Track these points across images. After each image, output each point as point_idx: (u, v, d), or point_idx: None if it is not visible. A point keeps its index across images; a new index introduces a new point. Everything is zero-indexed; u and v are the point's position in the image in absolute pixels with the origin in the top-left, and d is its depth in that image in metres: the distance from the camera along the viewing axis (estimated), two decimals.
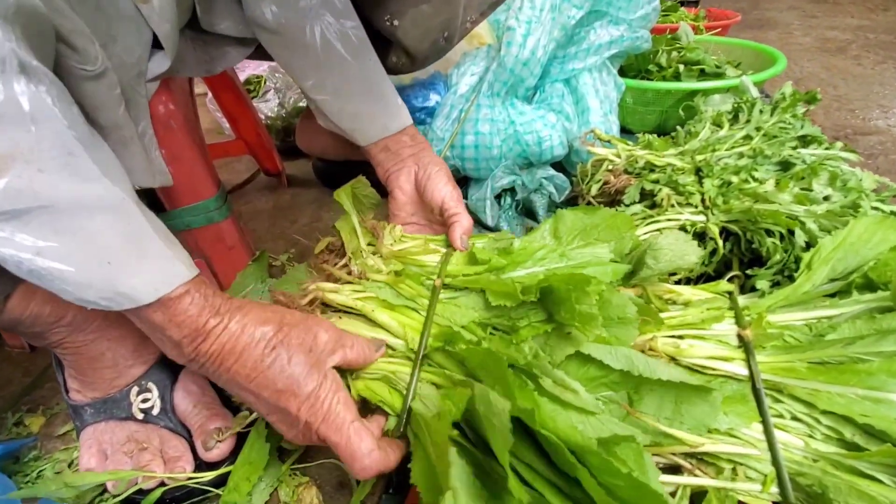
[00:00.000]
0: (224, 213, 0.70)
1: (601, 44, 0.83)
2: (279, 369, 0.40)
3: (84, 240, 0.33)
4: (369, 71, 0.61)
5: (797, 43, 1.71)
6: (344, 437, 0.41)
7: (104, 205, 0.34)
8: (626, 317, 0.45)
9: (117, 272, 0.34)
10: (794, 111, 0.74)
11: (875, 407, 0.40)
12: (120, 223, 0.35)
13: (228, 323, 0.39)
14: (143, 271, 0.35)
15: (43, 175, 0.31)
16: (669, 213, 0.65)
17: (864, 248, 0.52)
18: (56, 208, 0.32)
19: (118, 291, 0.35)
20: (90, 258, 0.34)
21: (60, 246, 0.33)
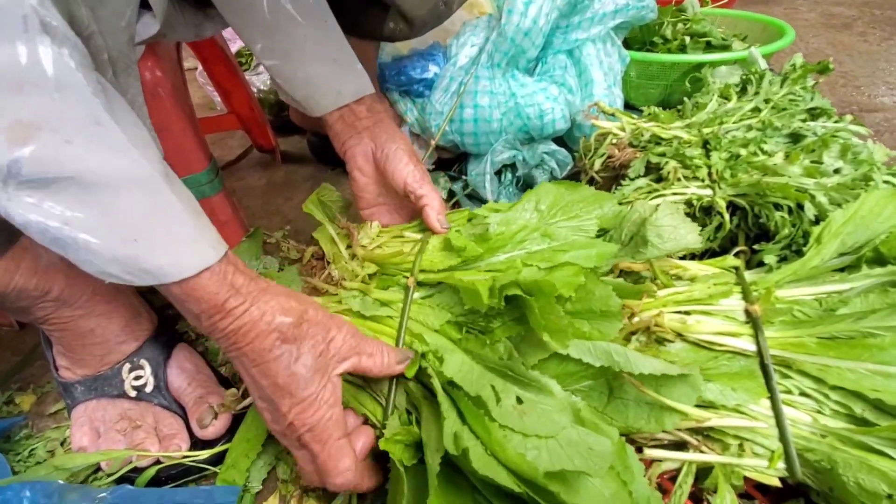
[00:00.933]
0: (216, 187, 0.67)
1: (605, 13, 0.80)
2: (284, 365, 0.39)
3: (111, 215, 0.32)
4: (323, 32, 0.57)
5: (802, 18, 1.67)
6: (325, 451, 0.40)
7: (132, 180, 0.33)
8: (610, 310, 0.43)
9: (143, 251, 0.33)
10: (803, 83, 0.72)
11: (886, 382, 0.39)
12: (147, 200, 0.33)
13: (250, 306, 0.37)
14: (168, 252, 0.34)
15: (70, 147, 0.30)
16: (675, 186, 0.63)
17: (875, 221, 0.51)
18: (84, 180, 0.31)
19: (142, 269, 0.34)
20: (116, 234, 0.33)
21: (88, 218, 0.32)
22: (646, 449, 0.44)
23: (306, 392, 0.39)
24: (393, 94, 0.91)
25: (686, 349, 0.48)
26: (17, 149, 0.29)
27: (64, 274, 0.48)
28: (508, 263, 0.50)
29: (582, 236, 0.55)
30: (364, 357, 0.43)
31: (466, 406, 0.40)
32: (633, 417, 0.42)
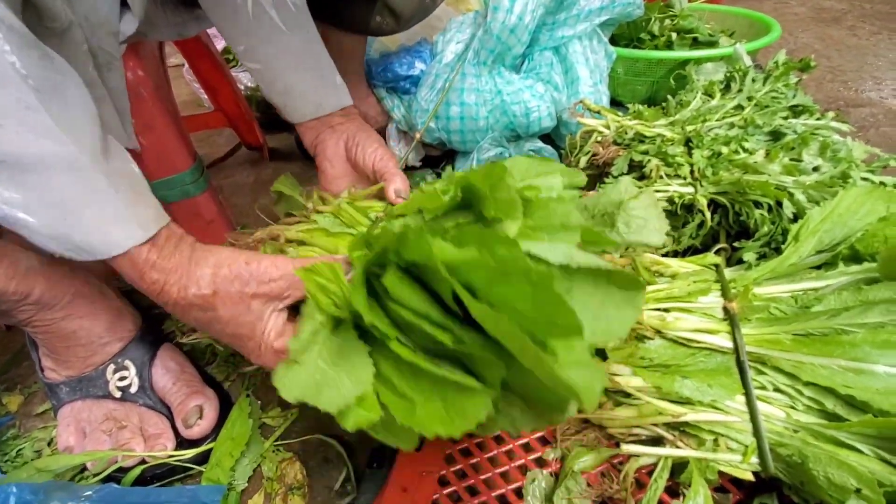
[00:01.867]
0: (201, 186, 0.67)
1: (591, 10, 0.80)
2: (219, 329, 0.41)
3: (43, 195, 0.34)
4: (305, 44, 0.57)
5: (792, 13, 1.67)
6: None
7: (61, 162, 0.34)
8: (569, 224, 0.42)
9: (74, 229, 0.35)
10: (786, 80, 0.72)
11: (857, 378, 0.40)
12: (78, 181, 0.35)
13: (164, 284, 0.39)
14: (98, 230, 0.36)
15: (1, 130, 0.31)
16: (658, 184, 0.64)
17: (853, 219, 0.52)
18: (16, 163, 0.33)
19: (77, 245, 0.36)
20: (50, 213, 0.35)
21: (23, 198, 0.34)
22: (623, 444, 0.45)
23: (252, 342, 0.41)
24: (380, 90, 0.91)
25: (664, 346, 0.48)
26: None
27: (44, 277, 0.48)
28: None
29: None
30: (293, 292, 0.42)
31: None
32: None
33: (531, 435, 0.49)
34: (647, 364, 0.48)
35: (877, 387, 0.38)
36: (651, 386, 0.46)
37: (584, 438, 0.48)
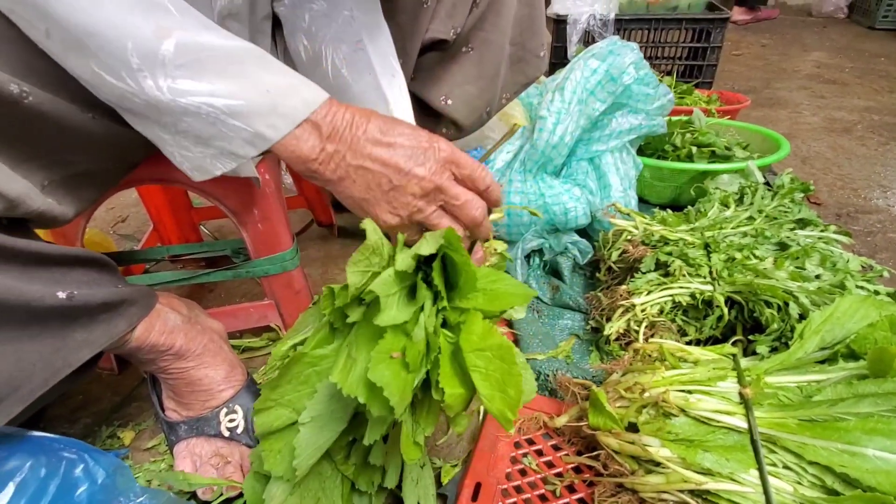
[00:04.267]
0: (295, 262, 0.82)
1: (622, 130, 0.96)
2: (400, 122, 0.48)
3: (244, 78, 0.42)
4: (362, 86, 0.65)
5: (806, 122, 1.83)
6: (471, 158, 0.50)
7: (250, 53, 0.44)
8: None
9: (277, 97, 0.43)
10: (792, 197, 0.84)
11: (851, 459, 0.48)
12: (266, 64, 0.44)
13: (352, 122, 0.47)
14: (296, 94, 0.44)
15: (199, 36, 0.41)
16: (681, 281, 0.75)
17: (850, 322, 0.61)
18: (216, 56, 0.41)
19: (280, 114, 0.43)
20: (253, 91, 0.42)
21: (227, 86, 0.42)
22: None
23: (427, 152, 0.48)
24: None
25: (688, 423, 0.57)
26: (164, 40, 0.40)
27: (184, 333, 0.61)
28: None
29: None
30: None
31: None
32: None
33: (571, 496, 0.57)
34: (673, 438, 0.56)
35: (866, 467, 0.46)
36: (677, 457, 0.54)
37: (618, 501, 0.56)
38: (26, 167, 0.44)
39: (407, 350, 0.42)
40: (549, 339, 0.82)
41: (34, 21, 0.40)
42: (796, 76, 2.42)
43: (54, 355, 0.47)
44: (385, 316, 0.42)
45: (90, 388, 0.81)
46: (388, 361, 0.41)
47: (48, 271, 0.46)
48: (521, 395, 0.42)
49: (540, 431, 0.66)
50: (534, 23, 0.88)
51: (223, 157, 0.45)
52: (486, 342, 0.43)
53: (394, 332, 0.43)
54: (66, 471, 0.45)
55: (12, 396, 0.44)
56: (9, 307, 0.42)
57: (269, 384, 0.48)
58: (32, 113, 0.43)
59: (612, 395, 0.61)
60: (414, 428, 0.46)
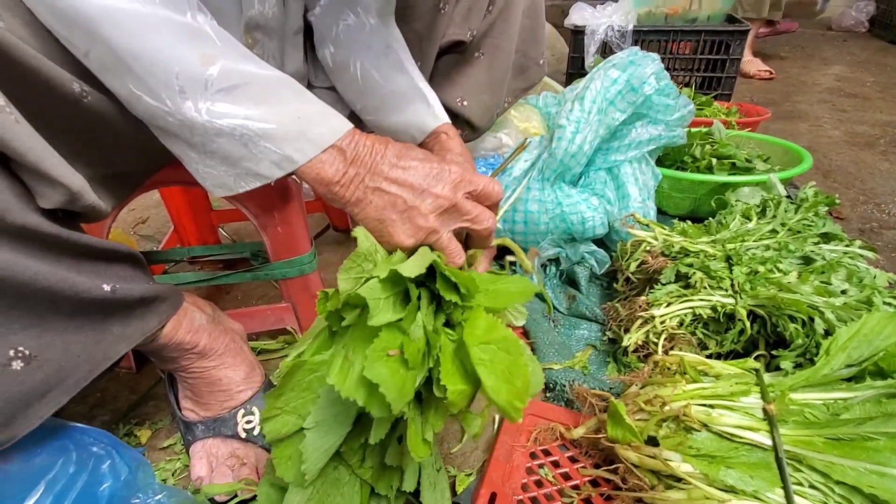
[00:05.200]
0: (313, 266, 0.82)
1: (641, 140, 0.95)
2: (413, 148, 0.52)
3: (278, 105, 0.45)
4: (396, 86, 0.67)
5: (827, 136, 1.81)
6: (468, 206, 0.52)
7: (284, 81, 0.47)
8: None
9: (306, 124, 0.46)
10: (816, 210, 0.83)
11: (880, 480, 0.46)
12: (297, 92, 0.48)
13: (373, 148, 0.50)
14: (324, 121, 0.48)
15: (239, 64, 0.45)
16: (702, 293, 0.74)
17: (877, 339, 0.59)
18: (254, 84, 0.45)
19: (308, 139, 0.46)
20: (285, 116, 0.45)
21: (262, 111, 0.45)
22: None
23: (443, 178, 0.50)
24: None
25: (710, 438, 0.56)
26: (209, 67, 0.43)
27: (208, 332, 0.62)
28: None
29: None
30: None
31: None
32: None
33: None
34: (695, 453, 0.55)
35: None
36: (699, 473, 0.53)
37: None
38: (78, 163, 0.46)
39: (405, 347, 0.42)
40: (565, 348, 0.81)
41: (75, 41, 0.42)
42: (816, 89, 2.39)
43: (95, 348, 0.48)
44: (378, 317, 0.42)
45: (108, 385, 0.82)
46: (386, 359, 0.41)
47: (94, 264, 0.48)
48: (528, 386, 0.41)
49: (556, 442, 0.65)
50: (535, 33, 0.94)
51: (248, 177, 0.48)
52: (492, 335, 0.43)
53: (389, 331, 0.43)
54: (94, 467, 0.45)
55: (60, 387, 0.46)
56: (61, 297, 0.43)
57: (272, 393, 0.48)
58: (88, 113, 0.45)
59: (632, 407, 0.60)
60: (423, 426, 0.46)
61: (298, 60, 0.68)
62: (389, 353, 0.41)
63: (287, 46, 0.65)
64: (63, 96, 0.42)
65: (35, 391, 0.43)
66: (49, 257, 0.42)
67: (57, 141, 0.42)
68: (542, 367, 0.77)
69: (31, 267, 0.40)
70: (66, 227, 0.44)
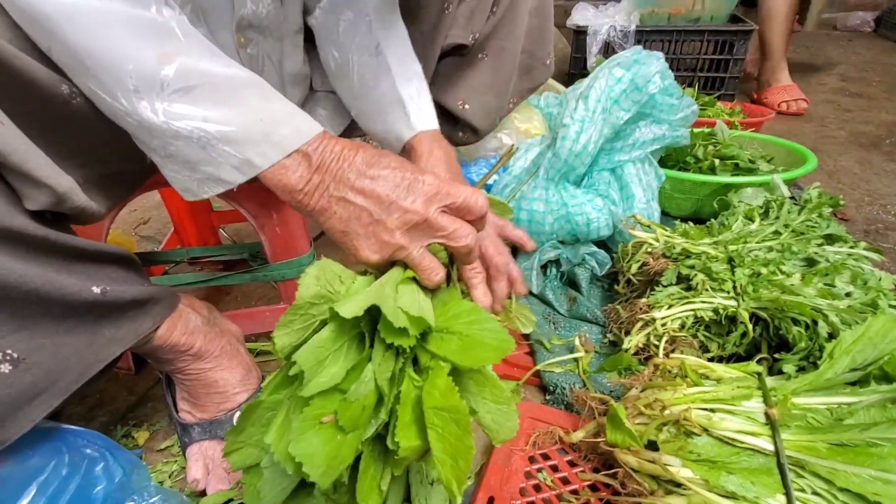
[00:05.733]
0: None
1: (645, 140, 0.94)
2: (387, 155, 0.48)
3: (238, 106, 0.43)
4: (381, 91, 0.65)
5: (831, 136, 1.79)
6: (462, 187, 0.48)
7: (249, 81, 0.45)
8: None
9: (269, 126, 0.44)
10: (820, 212, 0.82)
11: (885, 487, 0.45)
12: (260, 92, 0.45)
13: (342, 153, 0.47)
14: (289, 123, 0.45)
15: (199, 63, 0.42)
16: (703, 296, 0.73)
17: (882, 342, 0.58)
18: (215, 84, 0.42)
19: (272, 142, 0.44)
20: (246, 118, 0.43)
21: (221, 113, 0.42)
22: None
23: (412, 192, 0.46)
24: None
25: (711, 443, 0.55)
26: (165, 67, 0.41)
27: (203, 334, 0.62)
28: None
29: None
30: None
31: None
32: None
33: None
34: (695, 458, 0.54)
35: None
36: (700, 478, 0.52)
37: None
38: (69, 165, 0.45)
39: (341, 412, 0.39)
40: (565, 351, 0.80)
41: (38, 37, 0.41)
42: (821, 90, 2.38)
43: (87, 350, 0.47)
44: (310, 387, 0.39)
45: (107, 386, 0.82)
46: (318, 428, 0.38)
47: (84, 266, 0.47)
48: (468, 468, 0.40)
49: (555, 446, 0.64)
50: (543, 34, 0.92)
51: (210, 182, 0.46)
52: (447, 401, 0.40)
53: (323, 396, 0.40)
54: (87, 469, 0.45)
55: (50, 390, 0.45)
56: (49, 299, 0.43)
57: (234, 429, 0.46)
58: (79, 114, 0.44)
59: (631, 410, 0.59)
60: (382, 468, 0.43)
61: (298, 62, 0.68)
62: (323, 420, 0.39)
63: (286, 47, 0.65)
64: (51, 98, 0.42)
65: (24, 394, 0.43)
66: (37, 260, 0.42)
67: (45, 142, 0.42)
68: (542, 370, 0.76)
69: (17, 269, 0.40)
70: (55, 230, 0.44)
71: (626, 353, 0.74)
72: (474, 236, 0.49)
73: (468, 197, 0.48)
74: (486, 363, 0.43)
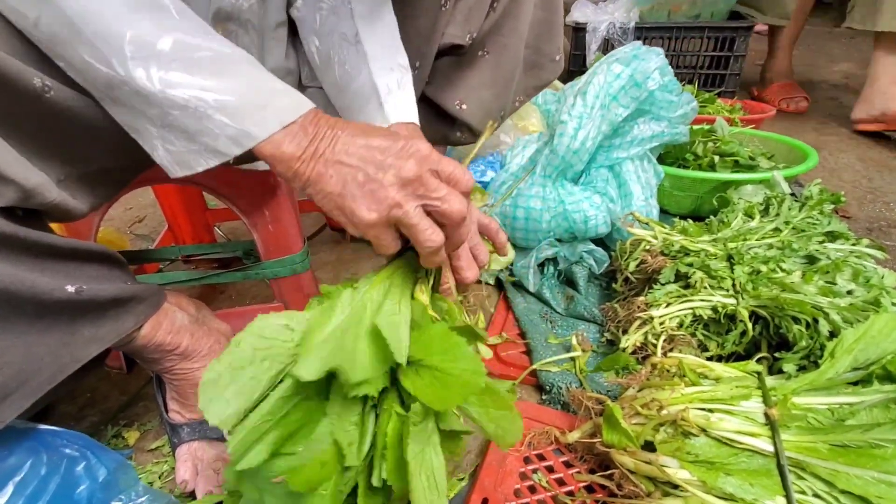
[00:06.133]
0: (306, 266, 0.81)
1: (644, 137, 0.93)
2: (383, 129, 0.48)
3: (236, 77, 0.43)
4: (359, 82, 0.64)
5: (833, 133, 1.78)
6: (450, 160, 0.48)
7: (244, 58, 0.45)
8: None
9: (267, 97, 0.44)
10: (821, 208, 0.81)
11: (889, 490, 0.44)
12: (257, 69, 0.45)
13: (335, 125, 0.47)
14: (286, 95, 0.45)
15: (195, 39, 0.42)
16: (702, 294, 0.71)
17: (885, 341, 0.57)
18: (212, 57, 0.42)
19: (268, 116, 0.43)
20: (245, 89, 0.43)
21: (219, 83, 0.42)
22: None
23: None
24: None
25: (709, 444, 0.54)
26: (163, 36, 0.40)
27: (190, 333, 0.60)
28: None
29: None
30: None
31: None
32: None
33: None
34: (693, 459, 0.53)
35: None
36: (697, 479, 0.51)
37: None
38: (46, 161, 0.44)
39: (291, 477, 0.38)
40: (562, 350, 0.79)
41: (23, 7, 0.40)
42: (823, 86, 2.36)
43: (62, 350, 0.46)
44: (240, 465, 0.37)
45: (98, 386, 0.81)
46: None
47: (59, 264, 0.46)
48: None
49: (551, 447, 0.63)
50: (551, 27, 0.86)
51: (207, 154, 0.44)
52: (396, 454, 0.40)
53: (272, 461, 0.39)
54: (67, 468, 0.44)
55: (20, 391, 0.44)
56: (19, 299, 0.42)
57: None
58: (54, 108, 0.43)
59: (628, 410, 0.58)
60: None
61: (280, 56, 0.66)
62: (274, 480, 0.38)
63: (267, 41, 0.63)
64: (22, 91, 0.40)
65: None
66: (7, 258, 0.41)
67: (14, 138, 0.41)
68: (539, 369, 0.75)
69: None
70: (27, 227, 0.42)
71: (623, 353, 0.72)
72: (465, 204, 0.48)
73: (455, 170, 0.48)
74: (454, 405, 0.41)
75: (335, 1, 0.62)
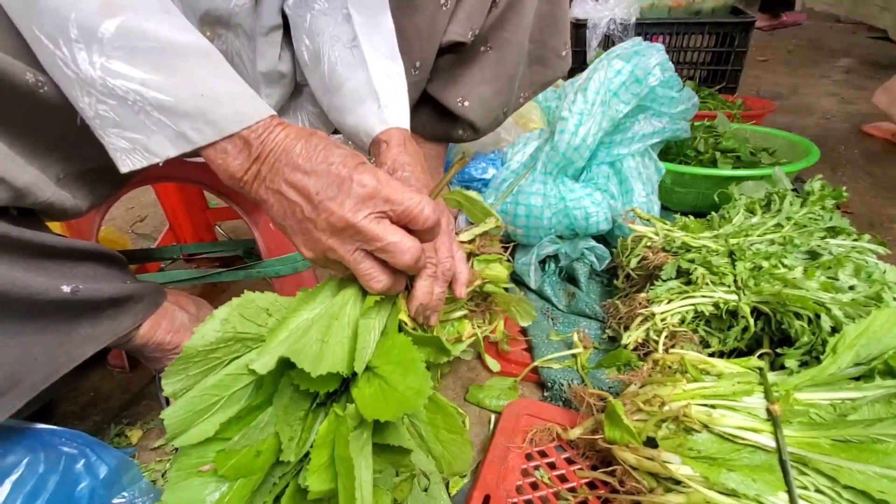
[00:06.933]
0: (307, 263, 0.81)
1: (644, 133, 0.93)
2: (334, 148, 0.44)
3: (182, 76, 0.40)
4: (354, 83, 0.62)
5: (835, 129, 1.77)
6: (408, 193, 0.43)
7: (197, 50, 0.41)
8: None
9: (209, 104, 0.40)
10: (823, 204, 0.80)
11: (891, 484, 0.44)
12: (209, 65, 0.42)
13: (284, 138, 0.44)
14: (231, 105, 0.42)
15: (147, 23, 0.39)
16: (704, 290, 0.71)
17: (887, 336, 0.57)
18: (159, 48, 0.39)
19: (209, 121, 0.41)
20: (187, 90, 0.40)
21: (162, 79, 0.39)
22: None
23: (361, 160, 0.43)
24: (456, 187, 1.06)
25: (711, 439, 0.54)
26: (107, 19, 0.37)
27: (190, 332, 0.60)
28: None
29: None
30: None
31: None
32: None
33: None
34: (695, 455, 0.53)
35: None
36: (699, 475, 0.51)
37: None
38: (42, 159, 0.44)
39: (220, 462, 0.38)
40: (563, 346, 0.79)
41: None
42: (825, 82, 2.35)
43: (58, 350, 0.46)
44: (180, 439, 0.38)
45: (101, 385, 0.81)
46: (196, 477, 0.38)
47: (55, 264, 0.46)
48: None
49: (553, 443, 0.63)
50: (556, 21, 0.85)
51: (136, 153, 0.42)
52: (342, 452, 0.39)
53: (202, 446, 0.39)
54: (66, 466, 0.44)
55: (14, 390, 0.44)
56: (12, 299, 0.41)
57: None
58: (48, 105, 0.42)
59: (630, 407, 0.58)
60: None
61: (273, 59, 0.64)
62: (201, 469, 0.37)
63: (259, 45, 0.61)
64: (13, 88, 0.39)
65: None
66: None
67: (8, 135, 0.40)
68: (541, 365, 0.75)
69: None
70: (21, 227, 0.42)
71: (625, 349, 0.72)
72: (417, 252, 0.44)
73: (412, 205, 0.43)
74: (386, 418, 0.39)
75: (328, 4, 0.61)
